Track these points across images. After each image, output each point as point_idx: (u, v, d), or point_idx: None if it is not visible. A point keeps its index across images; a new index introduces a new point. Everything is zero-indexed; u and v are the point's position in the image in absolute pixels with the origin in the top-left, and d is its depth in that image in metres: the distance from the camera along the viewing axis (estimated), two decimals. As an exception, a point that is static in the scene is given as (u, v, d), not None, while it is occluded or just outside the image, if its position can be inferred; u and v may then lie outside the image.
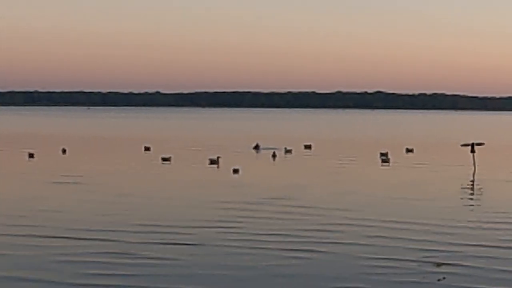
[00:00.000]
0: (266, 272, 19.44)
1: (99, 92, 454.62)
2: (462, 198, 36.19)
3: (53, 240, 23.73)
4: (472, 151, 54.50)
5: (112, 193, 36.43)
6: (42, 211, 30.07)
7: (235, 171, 48.25)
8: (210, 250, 22.30)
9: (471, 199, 35.87)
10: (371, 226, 26.93)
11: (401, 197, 35.60)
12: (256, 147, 74.29)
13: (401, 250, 22.40)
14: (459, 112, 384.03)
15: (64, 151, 66.83)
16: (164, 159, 57.29)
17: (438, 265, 20.60)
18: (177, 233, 25.00)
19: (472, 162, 53.16)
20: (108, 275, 19.03)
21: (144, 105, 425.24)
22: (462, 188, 40.69)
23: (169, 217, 28.75)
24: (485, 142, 61.63)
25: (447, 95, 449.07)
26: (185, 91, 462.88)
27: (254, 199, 34.22)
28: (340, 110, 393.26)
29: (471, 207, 32.78)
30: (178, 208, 31.46)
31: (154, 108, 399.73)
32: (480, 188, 40.70)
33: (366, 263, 20.68)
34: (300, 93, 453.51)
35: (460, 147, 60.07)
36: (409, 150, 70.86)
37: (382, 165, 55.59)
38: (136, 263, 20.44)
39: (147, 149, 70.87)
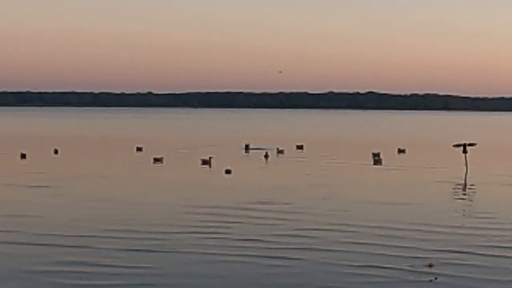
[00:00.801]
0: (243, 282, 18.77)
1: (91, 93, 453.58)
2: (454, 200, 35.95)
3: (26, 248, 22.97)
4: (464, 151, 54.45)
5: (99, 196, 35.49)
6: (19, 216, 29.21)
7: (227, 171, 48.20)
8: (186, 257, 21.48)
9: (464, 203, 35.72)
10: (359, 231, 26.25)
11: (392, 200, 34.97)
12: (246, 148, 74.07)
13: (388, 257, 21.67)
14: (451, 112, 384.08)
15: (56, 151, 66.61)
16: (156, 160, 57.10)
17: (430, 266, 20.55)
18: (155, 239, 24.22)
19: (464, 162, 53.13)
20: (80, 285, 18.40)
21: (136, 105, 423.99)
22: (454, 189, 40.50)
23: (151, 222, 27.90)
24: (477, 143, 61.64)
25: (439, 96, 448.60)
26: (177, 92, 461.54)
27: (241, 202, 33.45)
28: (332, 111, 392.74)
29: (463, 211, 32.30)
30: (163, 212, 30.71)
31: (146, 109, 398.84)
32: (472, 190, 40.51)
33: (351, 270, 19.98)
34: (292, 93, 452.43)
35: (452, 147, 59.97)
36: (401, 151, 70.70)
37: (374, 166, 55.66)
38: (110, 272, 19.72)
39: (139, 149, 70.59)
